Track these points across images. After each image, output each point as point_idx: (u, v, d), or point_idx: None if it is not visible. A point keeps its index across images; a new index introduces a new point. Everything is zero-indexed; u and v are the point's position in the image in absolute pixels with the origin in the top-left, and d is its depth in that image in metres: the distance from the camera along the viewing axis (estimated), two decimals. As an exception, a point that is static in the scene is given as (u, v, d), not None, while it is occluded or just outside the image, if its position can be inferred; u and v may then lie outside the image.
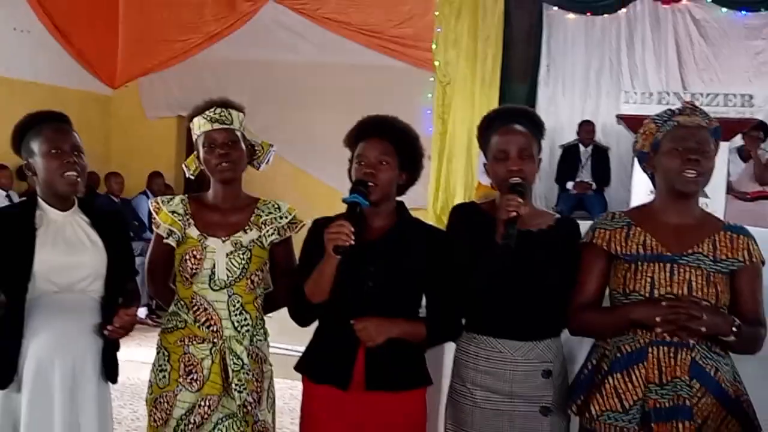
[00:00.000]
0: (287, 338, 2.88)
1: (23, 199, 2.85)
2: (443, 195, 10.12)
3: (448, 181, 10.30)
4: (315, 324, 2.79)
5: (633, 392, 2.44)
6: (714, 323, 2.37)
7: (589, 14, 10.29)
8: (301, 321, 2.78)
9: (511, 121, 2.73)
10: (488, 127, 2.77)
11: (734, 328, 2.39)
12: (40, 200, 2.74)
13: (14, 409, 2.64)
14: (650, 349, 2.45)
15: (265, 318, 2.95)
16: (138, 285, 2.95)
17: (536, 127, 2.76)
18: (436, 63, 10.51)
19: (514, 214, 2.54)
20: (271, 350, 2.97)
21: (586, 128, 9.61)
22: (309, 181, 9.80)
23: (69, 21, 10.47)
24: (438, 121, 10.49)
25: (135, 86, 11.42)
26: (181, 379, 2.75)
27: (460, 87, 10.47)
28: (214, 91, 2.99)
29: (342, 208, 2.61)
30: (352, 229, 2.54)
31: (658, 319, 2.38)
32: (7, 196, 8.50)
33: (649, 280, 2.48)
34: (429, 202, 9.94)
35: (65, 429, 2.63)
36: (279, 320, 2.93)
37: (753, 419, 2.47)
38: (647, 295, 2.47)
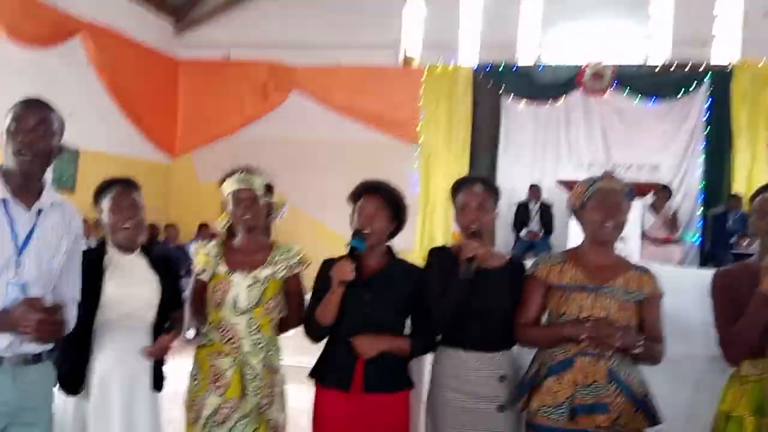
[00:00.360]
0: (307, 355, 2.85)
1: (98, 244, 2.83)
2: (426, 240, 10.18)
3: (431, 229, 10.41)
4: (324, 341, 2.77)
5: (563, 392, 2.42)
6: (625, 340, 2.38)
7: (536, 104, 10.43)
8: (314, 339, 2.76)
9: (472, 184, 2.75)
10: (456, 189, 2.78)
11: (640, 344, 2.40)
12: (108, 246, 2.73)
13: (84, 413, 2.60)
14: (577, 359, 2.44)
15: (284, 337, 2.92)
16: (183, 313, 2.91)
17: (491, 189, 2.77)
18: (421, 139, 10.72)
19: (472, 254, 2.56)
20: (292, 364, 2.93)
21: (534, 190, 9.67)
22: (321, 227, 9.79)
23: (138, 106, 10.51)
24: (422, 184, 10.68)
25: (190, 157, 11.45)
26: (209, 385, 2.71)
27: (439, 158, 10.69)
28: (251, 161, 2.99)
29: (344, 249, 2.64)
30: (353, 268, 2.56)
31: (583, 335, 2.39)
32: (87, 243, 8.43)
33: (577, 305, 2.48)
34: (416, 244, 9.95)
35: (123, 430, 2.59)
36: (299, 339, 2.90)
37: (655, 413, 2.45)
38: (575, 316, 2.47)
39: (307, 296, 2.87)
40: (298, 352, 3.24)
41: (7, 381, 2.15)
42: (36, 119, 2.19)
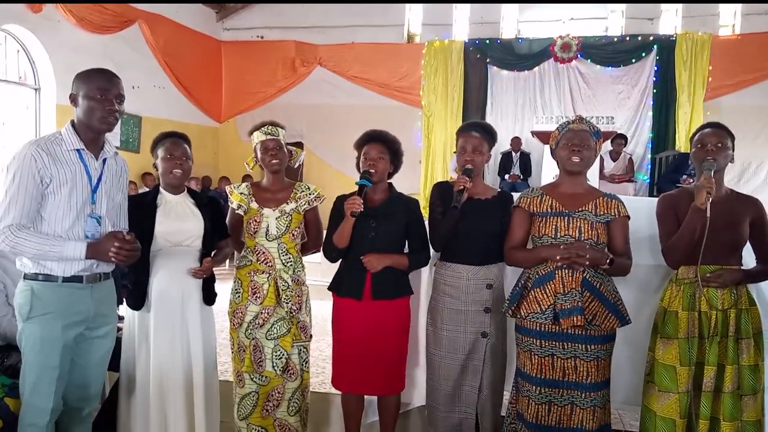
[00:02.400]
0: (327, 276, 2.86)
1: (153, 188, 2.80)
2: (429, 184, 10.10)
3: (432, 176, 10.37)
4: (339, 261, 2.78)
5: (546, 299, 2.39)
6: (594, 257, 2.33)
7: (516, 71, 10.33)
8: (331, 259, 2.77)
9: (471, 129, 2.70)
10: (459, 133, 2.74)
11: (608, 260, 2.36)
12: (161, 188, 2.70)
13: (147, 325, 2.60)
14: (556, 272, 2.39)
15: (306, 259, 2.91)
16: (228, 243, 2.87)
17: (488, 134, 2.71)
18: (423, 103, 10.59)
19: (462, 187, 2.54)
20: (317, 282, 2.91)
21: (515, 142, 9.57)
22: (341, 175, 9.72)
23: (189, 80, 10.45)
24: (424, 139, 10.61)
25: (234, 121, 11.33)
26: (249, 297, 2.72)
27: (438, 118, 10.58)
28: (284, 123, 2.90)
29: (354, 187, 2.63)
30: (361, 201, 2.56)
31: (558, 256, 2.35)
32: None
33: (554, 227, 2.44)
34: (421, 189, 9.98)
35: (180, 336, 2.60)
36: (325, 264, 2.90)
37: (625, 314, 2.42)
38: (553, 237, 2.43)
39: (324, 225, 2.86)
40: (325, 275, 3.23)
41: (87, 295, 2.21)
42: (117, 90, 2.23)
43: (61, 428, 2.30)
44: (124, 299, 2.62)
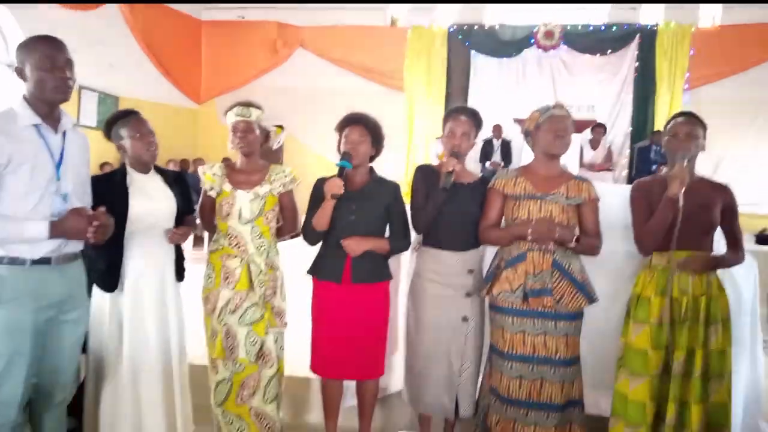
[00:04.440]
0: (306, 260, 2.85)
1: (119, 167, 2.73)
2: (412, 169, 9.95)
3: (413, 161, 10.35)
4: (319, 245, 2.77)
5: (517, 279, 2.46)
6: (562, 234, 2.40)
7: (498, 58, 10.34)
8: (311, 243, 2.75)
9: (459, 113, 2.70)
10: (447, 116, 2.74)
11: (575, 239, 2.43)
12: (128, 167, 2.63)
13: (119, 307, 2.55)
14: (528, 253, 2.46)
15: (280, 243, 2.88)
16: (195, 220, 2.83)
17: (476, 120, 2.72)
18: (405, 88, 10.55)
19: (451, 168, 2.55)
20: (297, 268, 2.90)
21: (497, 129, 9.58)
22: (321, 158, 9.66)
23: (168, 60, 10.24)
24: (407, 124, 10.56)
25: (213, 102, 11.13)
26: (222, 282, 2.68)
27: (421, 103, 10.55)
28: (263, 105, 2.85)
29: (334, 169, 2.61)
30: (342, 184, 2.54)
31: (528, 231, 2.40)
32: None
33: (526, 211, 2.49)
34: (403, 173, 9.93)
35: (156, 318, 2.58)
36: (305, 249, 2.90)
37: (593, 293, 2.49)
38: (526, 219, 2.48)
39: (303, 209, 2.83)
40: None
41: (56, 276, 2.12)
42: (65, 55, 2.10)
43: (34, 416, 2.24)
44: (95, 281, 2.53)
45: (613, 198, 2.69)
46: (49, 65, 2.05)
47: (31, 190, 2.03)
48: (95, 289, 2.55)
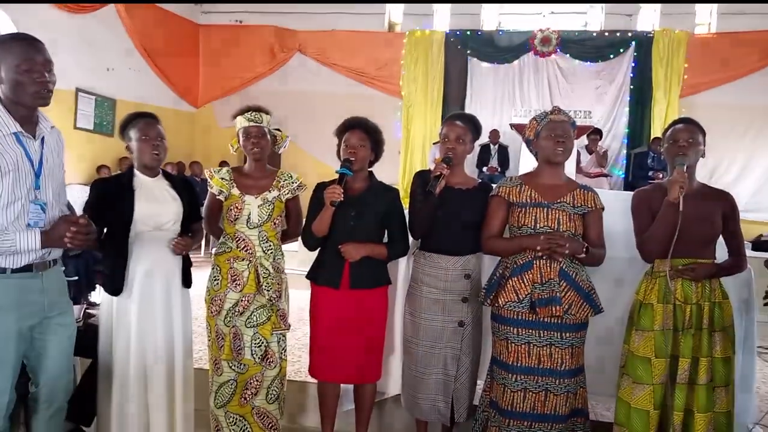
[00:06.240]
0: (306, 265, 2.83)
1: (126, 170, 2.71)
2: (408, 175, 10.15)
3: (411, 166, 10.35)
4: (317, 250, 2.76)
5: (524, 289, 2.40)
6: (572, 247, 2.36)
7: (495, 63, 10.38)
8: (310, 248, 2.74)
9: (455, 119, 2.69)
10: (444, 122, 2.73)
11: (585, 250, 2.39)
12: (135, 170, 2.61)
13: (126, 310, 2.53)
14: (535, 262, 2.41)
15: (285, 247, 2.87)
16: (201, 226, 2.83)
17: (473, 125, 2.70)
18: (403, 93, 10.57)
19: (439, 173, 2.53)
20: (294, 272, 2.88)
21: (494, 134, 9.58)
22: (319, 163, 9.67)
23: (166, 64, 10.26)
24: (404, 130, 10.61)
25: (210, 106, 11.17)
26: (229, 284, 2.67)
27: (417, 108, 10.57)
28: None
29: (332, 174, 2.61)
30: (341, 191, 2.53)
31: (538, 246, 2.36)
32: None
33: (533, 218, 2.44)
34: (399, 179, 10.00)
35: (163, 321, 2.57)
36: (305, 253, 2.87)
37: (598, 304, 2.45)
38: (532, 227, 2.43)
39: (303, 214, 2.82)
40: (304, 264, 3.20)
41: (38, 284, 2.08)
42: (43, 56, 1.99)
43: (30, 424, 2.20)
44: (101, 285, 2.54)
45: (613, 204, 2.67)
46: (27, 68, 1.93)
47: (12, 200, 1.97)
48: (103, 293, 2.54)
